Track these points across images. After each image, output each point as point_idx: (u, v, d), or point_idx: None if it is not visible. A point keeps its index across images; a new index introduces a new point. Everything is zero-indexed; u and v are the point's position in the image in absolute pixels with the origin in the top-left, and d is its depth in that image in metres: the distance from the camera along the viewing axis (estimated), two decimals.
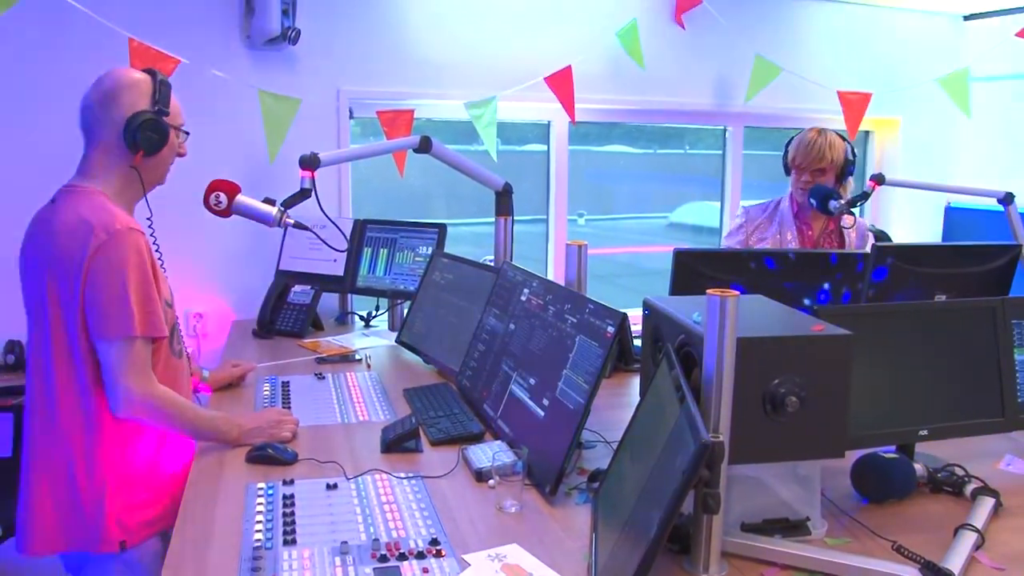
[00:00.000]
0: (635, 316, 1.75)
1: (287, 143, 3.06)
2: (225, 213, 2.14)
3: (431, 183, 3.77)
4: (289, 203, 2.26)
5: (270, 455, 1.77)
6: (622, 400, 2.32)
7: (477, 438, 1.92)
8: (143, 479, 1.77)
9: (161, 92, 1.81)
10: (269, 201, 2.20)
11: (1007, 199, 2.79)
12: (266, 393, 2.25)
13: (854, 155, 2.93)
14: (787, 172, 2.99)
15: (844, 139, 2.92)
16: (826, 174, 2.86)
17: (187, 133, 1.91)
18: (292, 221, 2.20)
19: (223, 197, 2.12)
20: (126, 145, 1.77)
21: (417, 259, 3.05)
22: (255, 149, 3.11)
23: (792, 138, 2.96)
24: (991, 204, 2.89)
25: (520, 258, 2.81)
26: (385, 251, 3.12)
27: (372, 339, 2.92)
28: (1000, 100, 4.03)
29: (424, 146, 2.62)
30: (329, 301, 3.23)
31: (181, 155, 1.91)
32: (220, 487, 1.65)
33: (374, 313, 3.17)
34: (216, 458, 1.80)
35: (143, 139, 1.77)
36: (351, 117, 3.32)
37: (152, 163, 1.83)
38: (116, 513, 1.72)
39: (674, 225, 4.65)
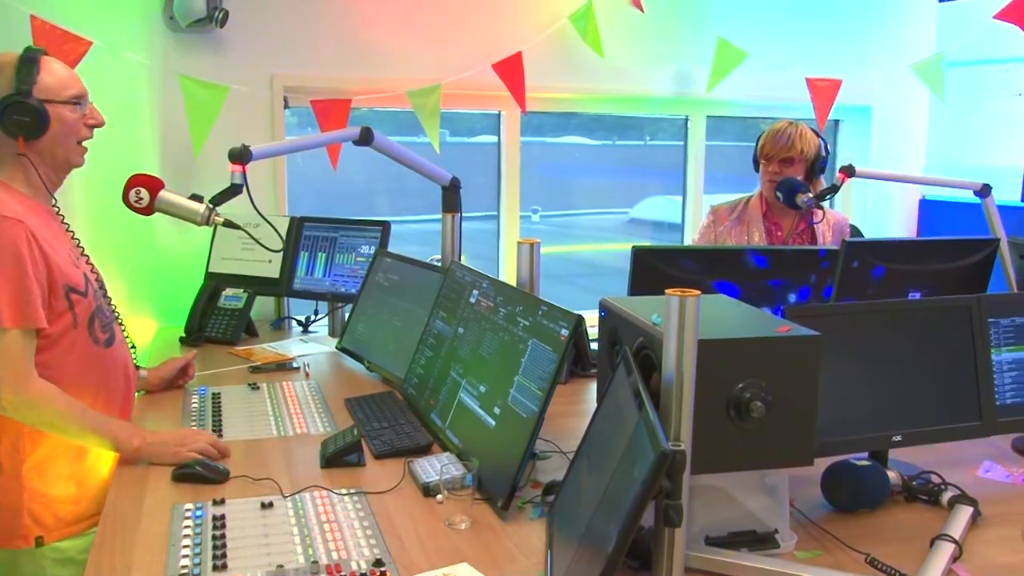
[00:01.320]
0: (593, 318, 1.76)
1: (215, 135, 3.02)
2: (147, 211, 2.10)
3: (374, 178, 3.75)
4: (218, 200, 2.23)
5: (199, 473, 1.74)
6: (578, 407, 2.33)
7: (424, 450, 1.91)
8: (62, 472, 1.77)
9: (22, 71, 1.78)
10: (196, 198, 2.17)
11: (984, 191, 2.86)
12: (195, 405, 2.22)
13: (827, 151, 2.98)
14: (757, 166, 3.03)
15: (819, 135, 2.97)
16: (794, 165, 2.91)
17: (76, 103, 1.86)
18: (222, 219, 2.17)
19: (144, 193, 2.09)
20: (5, 133, 1.77)
21: (359, 259, 3.04)
22: (179, 141, 3.06)
23: (762, 133, 3.00)
24: (967, 196, 2.96)
25: (470, 257, 2.80)
26: (324, 251, 3.11)
27: (311, 345, 2.90)
28: (977, 86, 4.12)
29: (365, 138, 2.60)
30: (264, 305, 3.20)
31: (96, 125, 1.88)
32: (143, 509, 1.62)
33: (313, 318, 3.16)
34: (138, 478, 1.76)
35: (12, 125, 1.77)
36: (286, 107, 3.28)
37: (41, 146, 1.82)
38: (31, 506, 1.72)
39: (635, 221, 4.69)
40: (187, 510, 1.60)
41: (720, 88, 3.73)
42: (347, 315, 2.86)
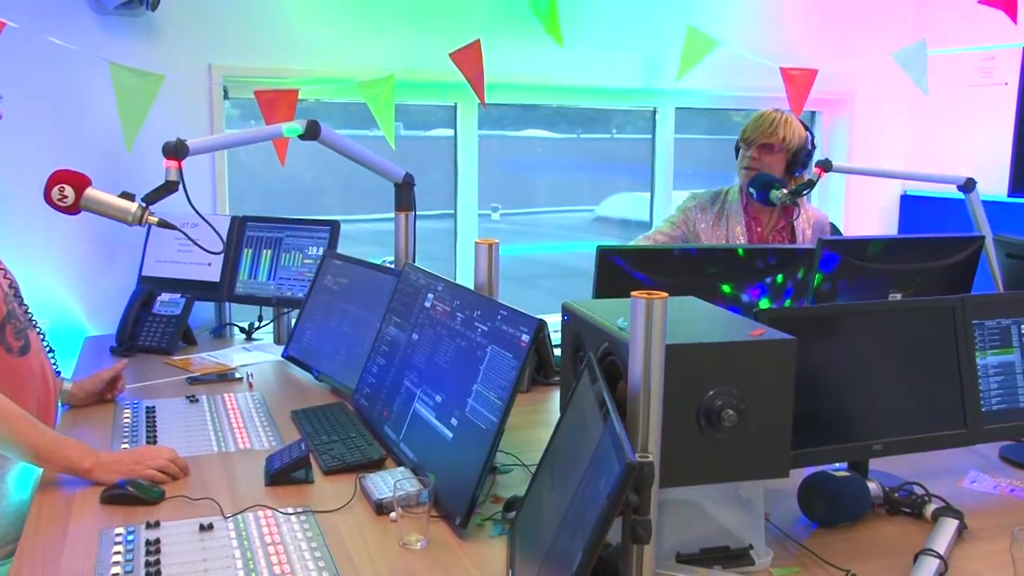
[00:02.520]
0: (556, 322, 1.77)
1: (148, 128, 2.98)
2: (72, 209, 2.07)
3: (322, 174, 3.73)
4: (152, 198, 2.20)
5: (130, 494, 1.72)
6: (541, 417, 2.34)
7: (377, 465, 1.91)
8: None
9: None
10: (127, 196, 2.14)
11: (968, 185, 2.90)
12: (126, 420, 2.19)
13: (813, 146, 3.00)
14: (737, 156, 3.05)
15: (808, 129, 2.99)
16: (774, 153, 2.93)
17: None
18: (156, 219, 2.15)
19: (69, 191, 2.06)
20: None
21: (306, 261, 3.03)
22: (108, 135, 3.02)
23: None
24: (951, 191, 3.01)
25: (425, 258, 2.80)
26: (268, 253, 3.09)
27: (254, 354, 2.89)
28: (960, 76, 4.19)
29: (312, 131, 2.59)
30: (203, 311, 3.17)
31: None
32: (67, 535, 1.59)
33: (256, 324, 3.14)
34: (62, 499, 1.73)
35: None
36: (226, 98, 3.25)
37: None
38: None
39: (601, 219, 4.71)
40: (117, 535, 1.58)
41: (690, 78, 3.75)
42: (293, 321, 2.85)
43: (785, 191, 2.79)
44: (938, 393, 1.85)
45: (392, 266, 2.72)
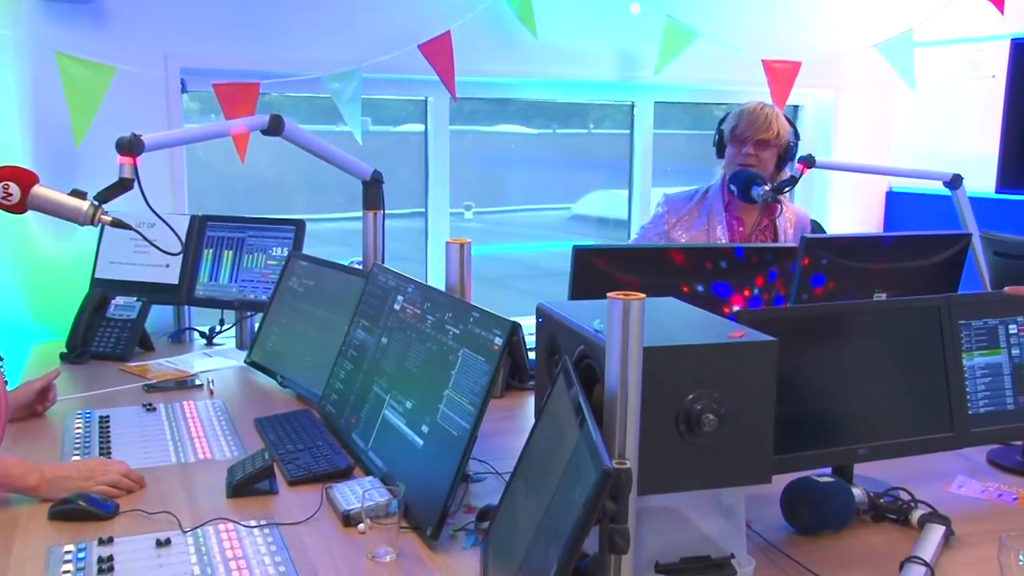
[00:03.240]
0: (531, 324, 1.77)
1: (100, 122, 2.96)
2: (18, 208, 2.05)
3: (286, 172, 3.71)
4: (105, 196, 2.18)
5: (81, 508, 1.70)
6: (515, 424, 2.35)
7: (344, 474, 1.91)
8: None
9: None
10: (78, 193, 2.12)
11: (954, 182, 2.94)
12: (78, 431, 2.17)
13: (798, 137, 3.03)
14: (720, 152, 3.06)
15: (791, 123, 3.03)
16: (769, 149, 2.95)
17: None
18: (109, 219, 2.13)
19: (14, 188, 2.03)
20: None
21: (270, 263, 3.02)
22: (57, 129, 2.99)
23: (727, 114, 3.04)
24: (938, 188, 3.04)
25: (395, 259, 2.80)
26: (230, 253, 3.07)
27: (216, 360, 2.87)
28: (947, 69, 4.24)
29: (274, 127, 2.58)
30: (161, 315, 3.15)
31: None
32: (12, 554, 1.57)
33: (218, 328, 3.13)
34: (7, 516, 1.71)
35: None
36: (184, 91, 3.23)
37: None
38: None
39: (577, 218, 4.71)
40: (66, 553, 1.56)
41: (669, 71, 3.77)
42: (257, 325, 2.84)
43: (767, 187, 2.81)
44: (924, 396, 1.87)
45: (360, 267, 2.72)
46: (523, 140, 4.33)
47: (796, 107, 4.44)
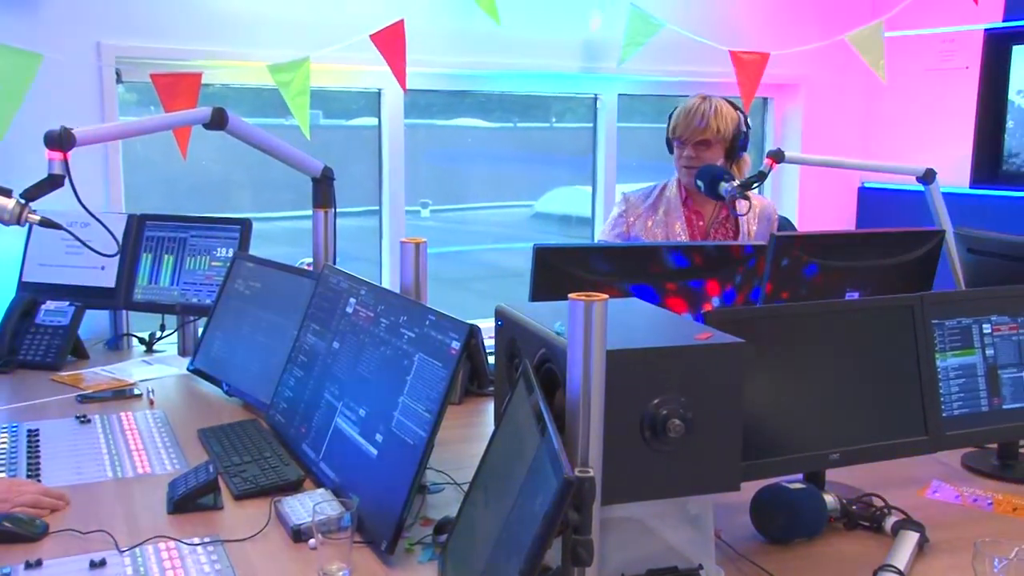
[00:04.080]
0: (491, 327, 1.77)
1: (28, 114, 2.91)
2: None
3: (231, 168, 3.69)
4: (32, 194, 2.16)
5: (7, 529, 1.67)
6: (474, 431, 2.35)
7: (294, 487, 1.90)
8: None
9: None
10: (2, 191, 2.10)
11: (927, 177, 2.98)
12: (2, 446, 2.14)
13: (748, 126, 3.06)
14: (670, 150, 3.10)
15: (736, 107, 3.05)
16: (712, 148, 2.98)
17: None
18: (38, 218, 2.11)
19: None
20: None
21: (214, 264, 3.00)
22: None
23: (673, 111, 3.07)
24: (911, 183, 3.08)
25: (347, 259, 2.79)
26: (171, 255, 3.05)
27: (156, 368, 2.85)
28: (919, 60, 4.30)
29: (217, 120, 2.56)
30: (96, 321, 3.11)
31: None
32: None
33: (158, 334, 3.10)
34: None
35: None
36: (119, 81, 3.20)
37: None
38: None
39: (539, 215, 4.72)
40: None
41: (633, 62, 3.79)
42: (200, 330, 2.82)
43: (736, 183, 2.83)
44: (897, 398, 1.89)
45: (310, 268, 2.70)
46: (482, 134, 4.33)
47: (765, 100, 4.48)
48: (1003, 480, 2.04)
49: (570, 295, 1.31)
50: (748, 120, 3.08)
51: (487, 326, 1.90)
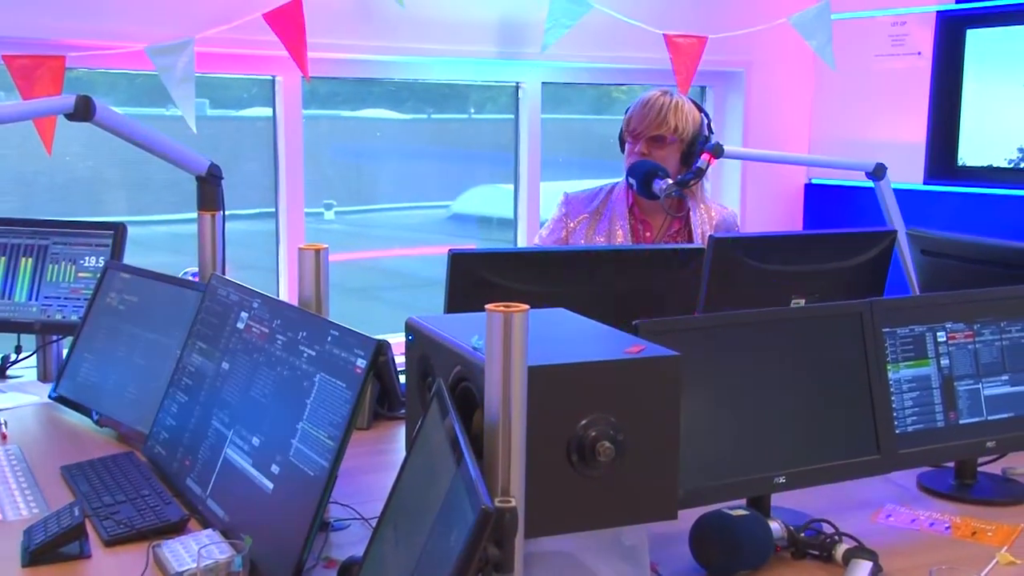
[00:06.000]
0: (403, 342, 1.78)
1: None
2: None
3: (102, 165, 3.63)
4: None
5: None
6: (384, 459, 2.35)
7: (176, 528, 1.87)
8: None
9: None
10: None
11: (877, 172, 3.05)
12: None
13: (711, 130, 3.09)
14: (622, 148, 3.11)
15: (701, 109, 3.08)
16: (667, 147, 3.00)
17: None
18: None
19: None
20: None
21: (81, 275, 2.94)
22: None
23: (631, 104, 3.09)
24: (860, 179, 3.15)
25: (240, 269, 2.77)
26: (28, 264, 2.98)
27: (10, 396, 2.79)
28: (868, 45, 4.39)
29: (83, 110, 2.52)
30: None
31: None
32: None
33: (13, 357, 3.04)
34: None
35: None
36: None
37: None
38: None
39: (457, 217, 4.74)
40: None
41: (559, 47, 3.82)
42: (65, 352, 2.77)
43: (670, 181, 2.87)
44: (847, 414, 1.93)
45: (195, 279, 2.67)
46: (392, 127, 4.33)
47: (703, 88, 4.55)
48: (961, 502, 2.08)
49: (487, 306, 1.31)
50: (712, 125, 3.10)
51: (398, 341, 1.90)
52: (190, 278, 2.67)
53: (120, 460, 2.20)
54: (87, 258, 2.95)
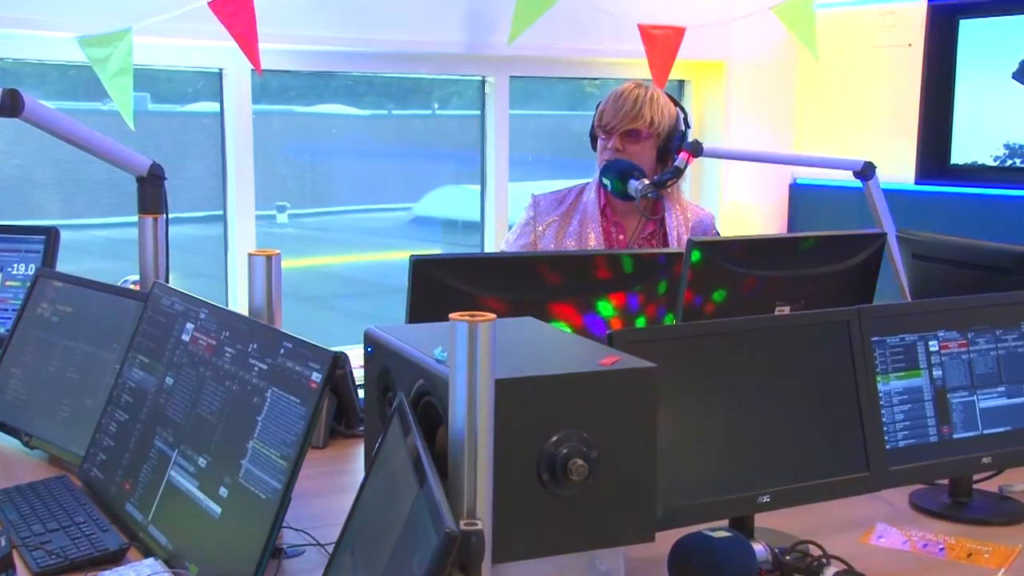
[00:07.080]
0: (361, 355, 1.78)
1: None
2: None
3: (32, 164, 3.61)
4: None
5: None
6: (341, 480, 2.34)
7: (114, 558, 1.85)
8: None
9: None
10: None
11: (866, 172, 3.07)
12: None
13: (688, 125, 3.10)
14: (594, 146, 3.11)
15: (676, 103, 3.09)
16: (642, 142, 3.01)
17: None
18: None
19: None
20: None
21: (9, 284, 2.94)
22: None
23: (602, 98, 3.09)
24: (848, 179, 3.17)
25: (187, 276, 2.76)
26: None
27: None
28: (856, 36, 4.43)
29: (10, 104, 2.50)
30: None
31: None
32: None
33: None
34: None
35: None
36: None
37: None
38: None
39: (420, 220, 4.74)
40: None
41: (527, 40, 3.82)
42: None
43: (646, 181, 2.87)
44: (835, 429, 1.94)
45: (137, 288, 2.66)
46: (351, 124, 4.33)
47: (681, 82, 4.57)
48: (956, 521, 2.09)
49: (451, 315, 1.31)
50: (689, 120, 3.11)
51: (356, 353, 1.90)
52: (130, 287, 2.66)
53: (52, 485, 2.17)
54: (15, 265, 2.94)
